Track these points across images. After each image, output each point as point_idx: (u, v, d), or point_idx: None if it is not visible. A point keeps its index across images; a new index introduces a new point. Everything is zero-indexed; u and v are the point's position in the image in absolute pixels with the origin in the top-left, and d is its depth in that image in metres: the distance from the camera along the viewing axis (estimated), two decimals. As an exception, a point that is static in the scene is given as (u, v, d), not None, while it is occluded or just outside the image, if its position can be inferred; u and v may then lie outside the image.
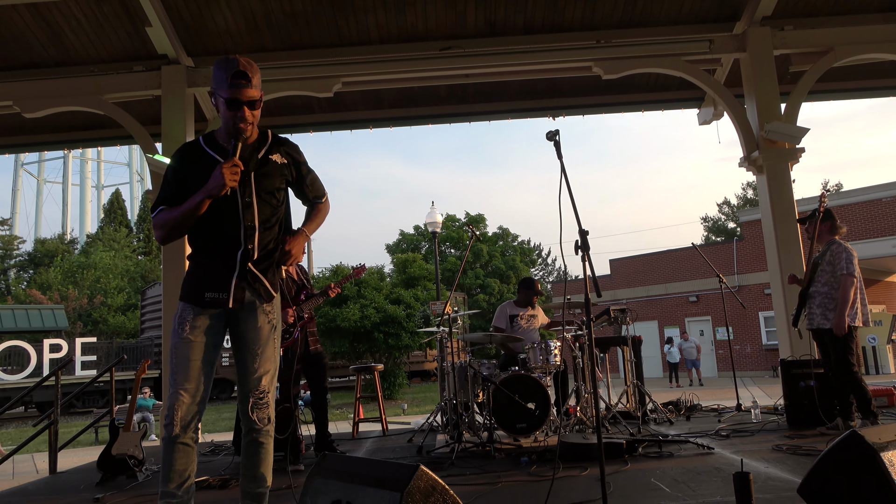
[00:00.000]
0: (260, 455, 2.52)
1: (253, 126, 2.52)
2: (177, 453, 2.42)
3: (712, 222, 49.13)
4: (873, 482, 2.21)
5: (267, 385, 2.51)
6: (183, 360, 2.44)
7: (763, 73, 7.94)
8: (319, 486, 2.42)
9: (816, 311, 4.83)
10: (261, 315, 2.53)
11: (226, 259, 2.49)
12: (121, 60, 8.20)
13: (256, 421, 2.49)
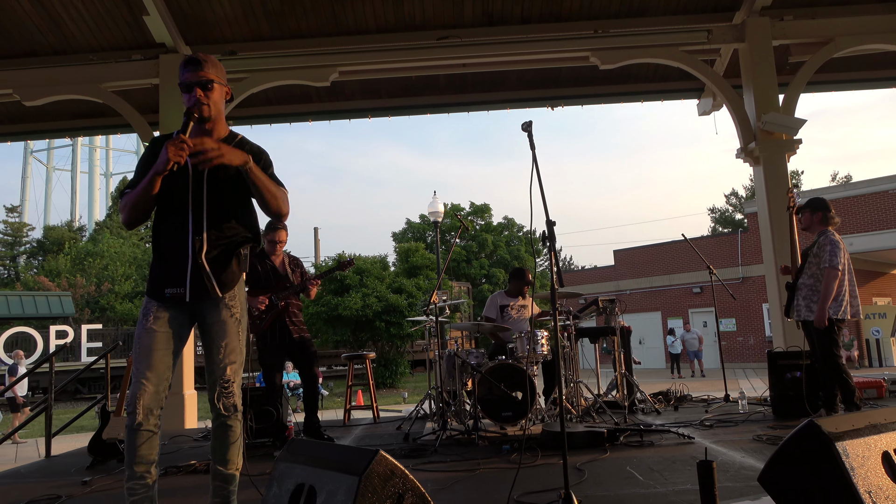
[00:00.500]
0: (228, 439, 2.58)
1: (208, 107, 2.56)
2: (140, 440, 2.49)
3: (719, 213, 48.91)
4: (828, 471, 2.24)
5: (231, 375, 2.57)
6: (145, 350, 2.51)
7: (761, 64, 7.89)
8: (285, 470, 2.47)
9: (801, 304, 4.85)
10: (223, 309, 2.57)
11: (179, 253, 2.54)
12: (120, 49, 8.25)
13: (222, 409, 2.55)
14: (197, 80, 2.55)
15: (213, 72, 2.60)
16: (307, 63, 8.05)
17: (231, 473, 2.59)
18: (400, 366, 19.21)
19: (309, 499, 2.28)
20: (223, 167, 2.56)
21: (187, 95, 2.54)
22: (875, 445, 2.33)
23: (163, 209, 2.57)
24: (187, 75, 2.55)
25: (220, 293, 2.55)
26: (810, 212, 4.95)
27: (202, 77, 2.56)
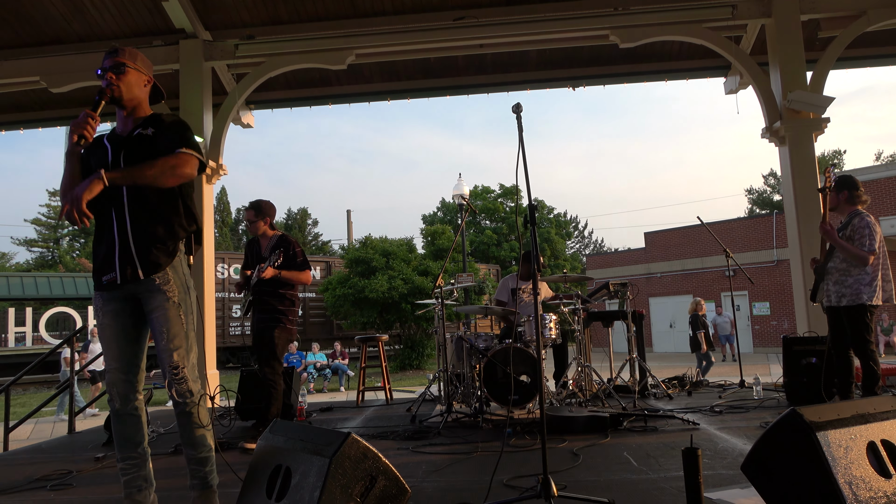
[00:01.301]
0: (190, 424, 2.61)
1: (118, 88, 2.63)
2: (123, 423, 2.62)
3: (757, 194, 47.74)
4: (808, 461, 2.19)
5: (179, 360, 2.58)
6: (106, 343, 2.62)
7: (788, 40, 7.63)
8: (266, 450, 2.52)
9: (832, 289, 4.59)
10: (158, 294, 2.59)
11: (107, 238, 2.60)
12: (141, 35, 8.37)
13: (176, 395, 2.58)
14: (110, 65, 2.65)
15: (129, 59, 2.69)
16: (324, 46, 8.06)
17: (203, 456, 2.63)
18: (426, 347, 19.33)
19: (285, 479, 2.33)
20: (139, 151, 2.59)
21: (103, 81, 2.63)
22: (861, 435, 2.27)
23: (94, 202, 2.52)
24: (104, 62, 2.68)
25: (143, 275, 2.56)
26: (836, 191, 4.68)
27: (115, 61, 2.66)
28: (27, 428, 8.98)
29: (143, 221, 2.59)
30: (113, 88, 2.61)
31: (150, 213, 2.60)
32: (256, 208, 4.93)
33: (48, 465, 4.10)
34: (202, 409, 2.62)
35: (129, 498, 2.60)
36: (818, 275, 4.76)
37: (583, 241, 51.89)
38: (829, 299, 4.62)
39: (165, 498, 3.07)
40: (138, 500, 2.60)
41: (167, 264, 2.61)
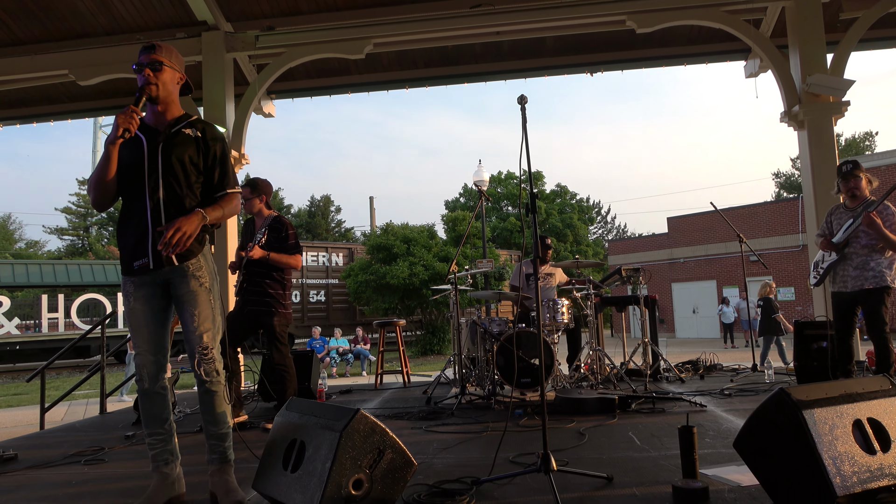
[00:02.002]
0: (214, 402, 2.79)
1: (157, 87, 2.76)
2: (151, 402, 2.80)
3: (784, 178, 46.95)
4: (795, 437, 2.28)
5: (209, 342, 2.76)
6: (136, 328, 2.78)
7: (809, 22, 7.56)
8: (282, 426, 2.68)
9: (852, 274, 4.53)
10: (191, 280, 2.76)
11: (140, 224, 2.72)
12: (165, 28, 8.57)
13: (204, 375, 2.76)
14: (148, 62, 2.76)
15: (166, 56, 2.80)
16: (342, 36, 8.18)
17: (224, 432, 2.82)
18: (447, 333, 19.52)
19: (300, 452, 2.48)
20: (179, 146, 2.75)
21: (139, 76, 2.75)
22: (848, 414, 2.35)
23: (125, 190, 2.75)
24: (140, 58, 2.77)
25: (177, 262, 2.72)
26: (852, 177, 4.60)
27: (153, 59, 2.77)
28: (61, 409, 9.35)
29: (175, 212, 2.73)
30: (150, 87, 2.73)
31: (183, 205, 2.75)
32: (252, 185, 4.83)
33: (82, 444, 4.33)
34: (225, 389, 2.81)
35: (156, 470, 2.79)
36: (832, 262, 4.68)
37: (605, 227, 51.60)
38: (846, 284, 4.55)
39: (191, 471, 3.26)
40: (165, 473, 2.79)
41: (199, 252, 2.79)
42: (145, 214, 2.72)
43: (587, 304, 5.72)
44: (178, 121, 2.82)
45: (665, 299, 26.46)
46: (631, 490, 2.67)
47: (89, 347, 18.34)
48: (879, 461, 2.28)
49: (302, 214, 47.35)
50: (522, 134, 2.93)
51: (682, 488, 2.55)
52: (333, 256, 21.88)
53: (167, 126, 2.80)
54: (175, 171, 2.74)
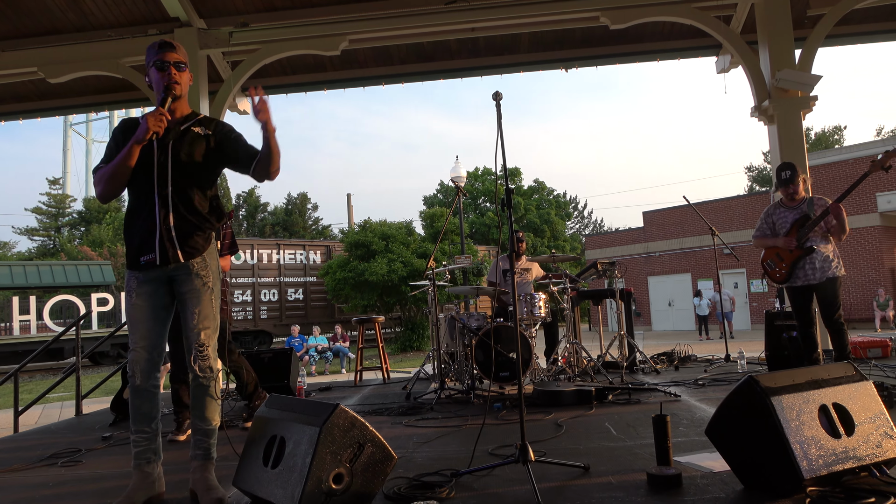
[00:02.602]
0: (205, 399, 2.81)
1: (180, 87, 2.80)
2: (142, 399, 2.79)
3: (757, 171, 47.71)
4: (763, 422, 2.35)
5: (205, 340, 2.78)
6: (135, 323, 2.76)
7: (777, 19, 7.71)
8: (263, 423, 2.69)
9: (818, 267, 4.61)
10: (196, 279, 2.79)
11: (147, 220, 2.74)
12: (136, 24, 8.45)
13: (199, 370, 2.78)
14: (173, 61, 2.80)
15: (184, 56, 2.87)
16: (317, 32, 8.15)
17: (211, 429, 2.83)
18: (426, 329, 19.55)
19: (280, 448, 2.50)
20: (188, 144, 2.78)
21: (162, 73, 2.76)
22: (814, 399, 2.43)
23: (133, 186, 2.77)
24: (162, 55, 2.78)
25: (183, 259, 2.75)
26: (796, 178, 4.77)
27: (177, 58, 2.82)
28: (35, 413, 9.21)
29: (183, 209, 2.78)
30: (176, 87, 2.76)
31: (191, 203, 2.79)
32: None
33: (58, 445, 4.29)
34: (217, 386, 2.83)
35: (138, 469, 2.78)
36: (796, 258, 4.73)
37: (582, 222, 52.02)
38: (812, 276, 4.61)
39: (174, 470, 3.26)
40: (147, 472, 2.78)
41: (204, 250, 2.82)
42: (154, 210, 2.74)
43: (564, 298, 5.78)
44: (186, 118, 2.86)
45: (641, 292, 26.79)
46: (607, 478, 2.73)
47: (63, 350, 18.04)
48: (844, 444, 2.36)
49: (279, 212, 46.99)
50: (497, 130, 2.97)
51: (656, 475, 2.62)
52: (311, 254, 21.78)
53: (176, 123, 2.82)
54: (184, 169, 2.78)
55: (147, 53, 2.83)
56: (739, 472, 2.54)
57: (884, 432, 2.45)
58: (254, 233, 44.80)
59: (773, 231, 4.84)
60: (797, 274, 4.67)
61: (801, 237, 4.64)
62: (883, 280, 20.45)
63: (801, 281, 4.67)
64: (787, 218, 4.76)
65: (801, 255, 4.65)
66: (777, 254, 4.76)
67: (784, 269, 4.72)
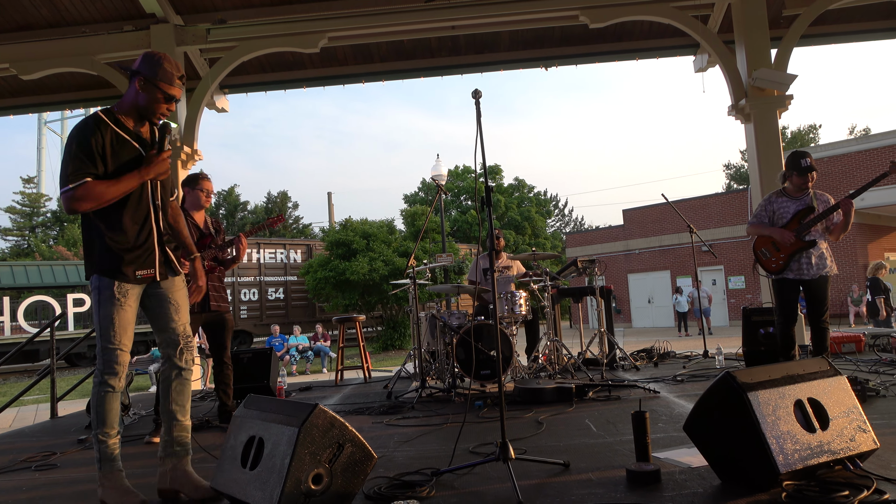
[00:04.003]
0: (187, 390, 2.89)
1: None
2: (115, 401, 2.76)
3: (735, 169, 48.28)
4: (740, 417, 2.38)
5: (189, 331, 2.92)
6: (124, 326, 2.73)
7: (753, 18, 7.80)
8: (240, 424, 2.66)
9: (815, 262, 4.55)
10: (178, 279, 2.94)
11: (147, 239, 2.81)
12: (111, 21, 8.32)
13: (184, 363, 2.85)
14: (178, 98, 2.84)
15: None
16: (296, 29, 8.09)
17: (190, 423, 2.91)
18: (408, 328, 19.53)
19: (259, 449, 2.47)
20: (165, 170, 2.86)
21: (166, 105, 2.80)
22: (789, 394, 2.46)
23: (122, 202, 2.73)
24: (176, 90, 2.79)
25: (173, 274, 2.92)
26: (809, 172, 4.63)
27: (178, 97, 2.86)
28: (9, 415, 9.04)
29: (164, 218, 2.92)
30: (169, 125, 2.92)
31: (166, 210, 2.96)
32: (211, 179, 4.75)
33: (32, 449, 4.21)
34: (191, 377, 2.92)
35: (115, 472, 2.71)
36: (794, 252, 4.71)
37: (563, 219, 52.28)
38: (806, 272, 4.54)
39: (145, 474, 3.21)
40: (122, 474, 2.73)
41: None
42: (149, 222, 2.81)
43: (544, 296, 5.80)
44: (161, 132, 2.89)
45: (621, 290, 26.99)
46: (587, 475, 2.74)
47: (38, 351, 17.75)
48: (819, 439, 2.40)
49: (258, 211, 46.64)
50: (477, 128, 2.96)
51: (635, 471, 2.63)
52: (292, 253, 21.63)
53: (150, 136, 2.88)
54: (164, 197, 2.91)
55: (161, 68, 2.74)
56: (717, 467, 2.57)
57: (857, 426, 2.49)
58: (234, 232, 44.44)
59: (772, 220, 4.72)
60: (791, 266, 4.57)
61: (801, 230, 4.55)
62: (857, 276, 20.81)
63: (795, 274, 4.56)
64: (788, 208, 4.65)
65: (801, 247, 4.54)
66: (773, 243, 4.64)
67: (781, 259, 4.59)
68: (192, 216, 4.57)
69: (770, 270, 4.69)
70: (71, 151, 2.64)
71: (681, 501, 2.33)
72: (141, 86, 2.74)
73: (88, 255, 2.78)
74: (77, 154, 2.63)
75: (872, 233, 22.12)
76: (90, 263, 2.77)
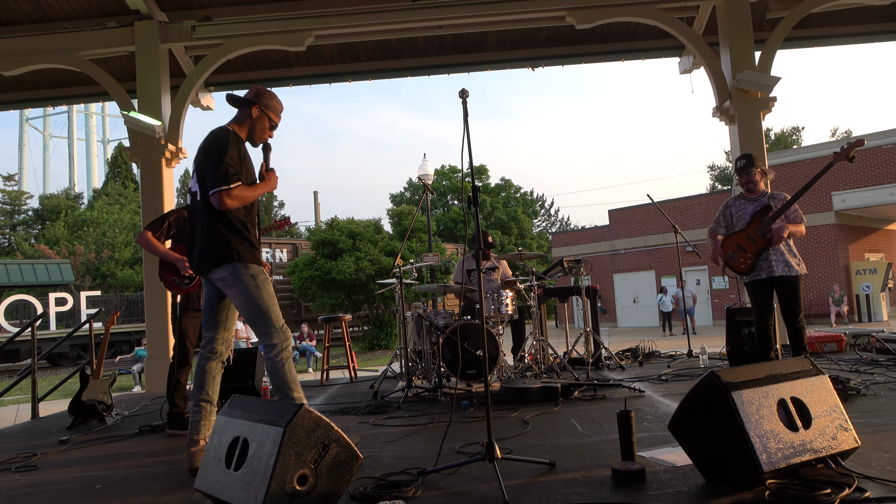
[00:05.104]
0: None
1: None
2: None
3: (719, 171, 48.69)
4: (724, 417, 2.39)
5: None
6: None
7: (738, 21, 7.88)
8: (224, 424, 2.64)
9: (781, 260, 4.59)
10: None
11: (259, 238, 3.36)
12: (95, 16, 8.25)
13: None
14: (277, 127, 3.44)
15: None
16: (282, 27, 8.05)
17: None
18: (394, 327, 19.50)
19: (243, 449, 2.45)
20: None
21: (270, 133, 3.38)
22: (772, 393, 2.48)
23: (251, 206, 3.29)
24: (278, 121, 3.41)
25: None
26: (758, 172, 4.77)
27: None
28: (-11, 416, 8.90)
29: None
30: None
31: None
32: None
33: (13, 450, 4.15)
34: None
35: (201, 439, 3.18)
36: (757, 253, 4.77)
37: (549, 220, 52.44)
38: (776, 269, 4.58)
39: (128, 476, 3.18)
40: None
41: None
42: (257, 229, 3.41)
43: (530, 296, 5.82)
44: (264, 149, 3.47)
45: (607, 290, 27.12)
46: (573, 474, 2.75)
47: (19, 351, 17.52)
48: (801, 437, 2.42)
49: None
50: (464, 127, 2.96)
51: (620, 471, 2.64)
52: (277, 252, 21.51)
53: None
54: None
55: (274, 103, 3.37)
56: (701, 465, 2.58)
57: (839, 425, 2.52)
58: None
59: (731, 223, 4.79)
60: (761, 265, 4.60)
61: (763, 228, 4.59)
62: (838, 277, 21.07)
63: (766, 273, 4.59)
64: (746, 209, 4.71)
65: (766, 245, 4.58)
66: (739, 245, 4.69)
67: (749, 259, 4.63)
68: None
69: (739, 272, 4.73)
70: (221, 156, 3.10)
71: (665, 500, 2.35)
72: (257, 114, 3.30)
73: (226, 247, 3.13)
74: (228, 159, 3.11)
75: (853, 234, 22.40)
76: (233, 254, 3.13)
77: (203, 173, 3.15)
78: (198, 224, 3.22)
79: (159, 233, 4.43)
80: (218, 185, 3.04)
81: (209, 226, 3.14)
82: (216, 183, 3.04)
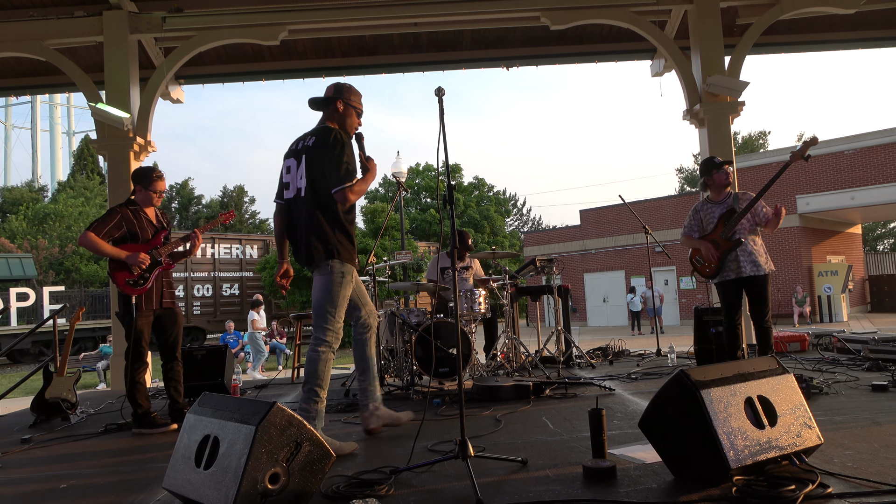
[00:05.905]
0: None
1: None
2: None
3: (687, 173, 49.46)
4: (693, 415, 2.44)
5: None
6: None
7: (708, 26, 8.00)
8: (194, 422, 2.60)
9: (748, 260, 4.65)
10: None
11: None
12: (62, 5, 8.03)
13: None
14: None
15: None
16: (256, 21, 7.95)
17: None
18: (367, 325, 19.42)
19: (213, 448, 2.42)
20: None
21: (359, 121, 3.68)
22: (740, 392, 2.53)
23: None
24: (362, 107, 3.69)
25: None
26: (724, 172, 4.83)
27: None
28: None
29: None
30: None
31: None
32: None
33: (-29, 448, 4.03)
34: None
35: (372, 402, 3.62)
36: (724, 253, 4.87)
37: (521, 219, 52.75)
38: (744, 269, 4.63)
39: (94, 475, 3.12)
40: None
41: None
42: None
43: (503, 294, 5.85)
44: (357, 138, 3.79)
45: (577, 289, 27.39)
46: (544, 472, 2.77)
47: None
48: (767, 435, 2.47)
49: (214, 205, 45.69)
50: (440, 126, 2.96)
51: (591, 468, 2.67)
52: (248, 248, 21.25)
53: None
54: None
55: (347, 92, 3.64)
56: (670, 462, 2.63)
57: (803, 422, 2.58)
58: (187, 226, 43.39)
59: (702, 227, 4.86)
60: (729, 266, 4.67)
61: (727, 230, 4.67)
62: (801, 278, 21.59)
63: (734, 274, 4.65)
64: (713, 213, 4.80)
65: (731, 247, 4.66)
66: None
67: (714, 262, 4.71)
68: (144, 211, 4.49)
69: (705, 275, 4.83)
70: (340, 155, 3.35)
71: (635, 497, 2.38)
72: (342, 108, 3.58)
73: (330, 245, 3.38)
74: (346, 158, 3.36)
75: (816, 236, 22.96)
76: (334, 252, 3.38)
77: (317, 173, 3.39)
78: (303, 219, 3.44)
79: (104, 233, 4.25)
80: (341, 184, 3.30)
81: (317, 223, 3.38)
82: (340, 181, 3.30)
